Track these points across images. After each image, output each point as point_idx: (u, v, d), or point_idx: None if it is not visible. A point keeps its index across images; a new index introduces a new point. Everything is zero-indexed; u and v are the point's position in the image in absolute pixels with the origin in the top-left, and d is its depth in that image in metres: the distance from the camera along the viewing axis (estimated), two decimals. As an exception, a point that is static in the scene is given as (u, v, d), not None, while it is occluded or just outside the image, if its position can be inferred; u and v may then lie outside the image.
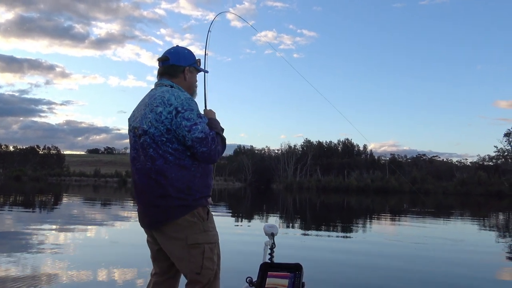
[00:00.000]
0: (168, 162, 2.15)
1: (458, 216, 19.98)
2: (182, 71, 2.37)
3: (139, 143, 2.23)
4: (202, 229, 2.20)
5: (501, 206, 30.63)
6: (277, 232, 2.83)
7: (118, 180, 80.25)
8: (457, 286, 5.49)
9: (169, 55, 2.39)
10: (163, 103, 2.17)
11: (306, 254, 7.42)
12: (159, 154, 2.16)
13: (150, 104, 2.23)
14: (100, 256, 6.76)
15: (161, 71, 2.40)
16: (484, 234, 12.32)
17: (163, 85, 2.32)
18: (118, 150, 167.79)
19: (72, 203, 20.88)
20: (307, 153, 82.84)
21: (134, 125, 2.30)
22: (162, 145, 2.15)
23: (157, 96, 2.22)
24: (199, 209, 2.21)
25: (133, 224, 12.17)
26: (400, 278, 5.85)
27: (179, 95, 2.19)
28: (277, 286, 2.46)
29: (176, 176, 2.15)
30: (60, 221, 11.72)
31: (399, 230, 13.07)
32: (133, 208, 19.10)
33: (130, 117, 2.39)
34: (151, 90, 2.37)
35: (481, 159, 74.03)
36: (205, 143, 2.12)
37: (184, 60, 2.39)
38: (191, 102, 2.20)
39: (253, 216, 16.13)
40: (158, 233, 2.26)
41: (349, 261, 6.96)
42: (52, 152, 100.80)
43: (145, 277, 5.32)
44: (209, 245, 2.22)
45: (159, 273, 2.38)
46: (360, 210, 23.41)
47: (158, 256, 2.37)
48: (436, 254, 7.88)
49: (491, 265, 7.17)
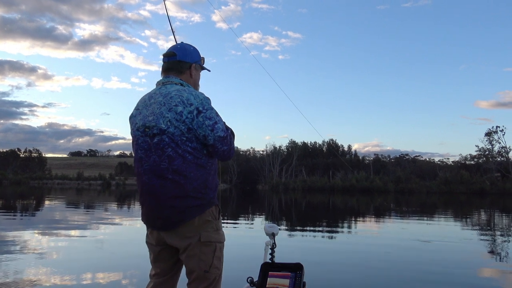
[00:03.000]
0: (186, 161, 2.13)
1: (441, 215, 20.23)
2: (189, 67, 2.34)
3: (152, 143, 2.16)
4: (215, 228, 2.21)
5: (483, 204, 31.17)
6: (277, 232, 2.84)
7: (101, 182, 79.32)
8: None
9: (176, 51, 2.33)
10: (183, 102, 2.13)
11: (298, 255, 7.37)
12: (178, 154, 2.12)
13: (167, 103, 2.16)
14: (85, 260, 6.60)
15: (166, 67, 2.34)
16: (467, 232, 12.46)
17: (173, 83, 2.26)
18: (102, 153, 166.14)
19: (55, 207, 20.48)
20: (292, 153, 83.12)
21: (147, 124, 2.19)
22: (182, 144, 2.12)
23: (174, 95, 2.17)
24: (212, 208, 2.21)
25: (119, 227, 11.97)
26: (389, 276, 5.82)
27: (197, 95, 2.18)
28: (278, 286, 2.43)
29: (195, 175, 2.14)
30: (41, 226, 11.49)
31: (391, 228, 13.12)
32: (117, 211, 18.83)
33: (136, 116, 2.29)
34: (161, 88, 2.27)
35: (463, 159, 75.46)
36: (226, 141, 2.17)
37: (191, 57, 2.36)
38: (208, 101, 2.20)
39: (238, 217, 16.02)
40: (168, 233, 2.20)
41: (341, 260, 6.92)
42: (33, 155, 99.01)
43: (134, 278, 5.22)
44: (220, 244, 2.23)
45: (160, 273, 2.33)
46: (345, 210, 23.53)
47: (160, 257, 2.31)
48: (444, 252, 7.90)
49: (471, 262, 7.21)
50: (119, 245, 8.31)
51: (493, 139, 67.56)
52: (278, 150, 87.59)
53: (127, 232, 11.03)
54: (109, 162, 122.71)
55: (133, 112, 2.32)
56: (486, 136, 68.53)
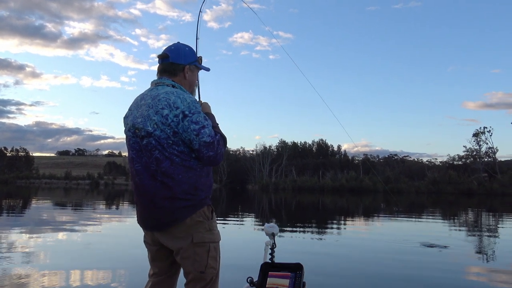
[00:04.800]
0: (174, 164, 2.11)
1: (429, 214, 20.40)
2: (182, 69, 2.30)
3: (142, 145, 2.16)
4: (208, 228, 2.19)
5: (471, 203, 31.51)
6: (277, 232, 2.82)
7: (90, 182, 78.63)
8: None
9: (169, 53, 2.30)
10: (169, 105, 2.10)
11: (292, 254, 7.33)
12: (165, 156, 2.11)
13: (155, 105, 2.14)
14: (76, 260, 6.49)
15: (160, 68, 2.32)
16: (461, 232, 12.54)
17: (164, 84, 2.25)
18: (90, 152, 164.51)
19: (42, 207, 20.20)
20: (282, 153, 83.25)
21: (136, 126, 2.19)
22: (168, 147, 2.10)
23: (162, 98, 2.14)
24: (204, 208, 2.19)
25: (107, 227, 11.84)
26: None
27: (184, 98, 2.14)
28: (278, 286, 2.41)
29: (184, 178, 2.12)
30: (29, 226, 11.30)
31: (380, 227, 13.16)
32: (105, 211, 18.64)
33: (127, 116, 2.29)
34: (152, 89, 2.26)
35: (451, 159, 76.21)
36: (211, 147, 2.11)
37: (184, 58, 2.31)
38: (196, 105, 2.15)
39: (228, 216, 15.95)
40: (161, 233, 2.20)
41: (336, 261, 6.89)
42: (20, 154, 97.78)
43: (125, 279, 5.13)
44: (213, 244, 2.20)
45: (158, 273, 2.32)
46: (335, 209, 23.60)
47: (157, 256, 2.31)
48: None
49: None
50: (116, 244, 8.19)
51: (481, 139, 68.38)
52: (268, 150, 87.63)
53: (121, 231, 10.90)
54: (97, 162, 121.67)
55: (126, 112, 2.32)
56: (473, 136, 69.37)
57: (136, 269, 5.67)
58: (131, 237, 9.30)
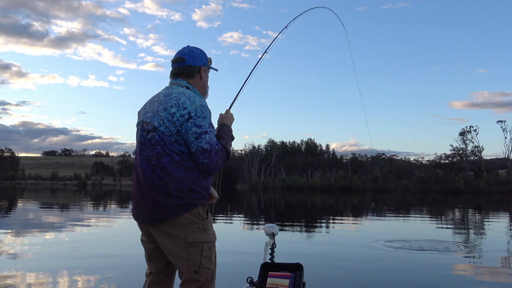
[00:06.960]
0: (173, 161, 2.16)
1: (417, 212, 20.59)
2: (198, 71, 2.41)
3: (147, 138, 2.24)
4: (202, 228, 2.19)
5: (458, 202, 31.90)
6: (277, 232, 2.84)
7: (77, 182, 77.86)
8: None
9: (185, 56, 2.39)
10: (178, 105, 2.18)
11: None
12: (165, 153, 2.17)
13: (165, 102, 2.23)
14: (76, 259, 6.38)
15: (176, 72, 2.41)
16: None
17: (179, 85, 2.34)
18: (77, 152, 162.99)
19: (28, 208, 19.91)
20: (271, 153, 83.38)
21: (145, 120, 2.29)
22: (169, 144, 2.17)
23: (173, 97, 2.23)
24: (199, 208, 2.20)
25: (96, 228, 11.70)
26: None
27: (194, 100, 2.20)
28: (278, 286, 2.40)
29: (180, 176, 2.15)
30: (15, 227, 11.12)
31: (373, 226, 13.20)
32: (93, 212, 18.43)
33: (141, 111, 2.39)
34: (167, 88, 2.36)
35: (438, 158, 77.08)
36: (208, 155, 2.14)
37: (200, 60, 2.42)
38: (205, 110, 2.21)
39: (217, 216, 15.88)
40: (155, 230, 2.21)
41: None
42: (5, 155, 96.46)
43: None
44: (208, 244, 2.20)
45: (155, 272, 2.33)
46: (324, 209, 23.68)
47: (154, 255, 2.32)
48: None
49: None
50: (112, 246, 8.08)
51: (467, 138, 69.30)
52: (257, 149, 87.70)
53: (111, 230, 10.78)
54: (84, 162, 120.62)
55: (141, 107, 2.42)
56: (460, 135, 70.26)
57: (135, 269, 5.60)
58: (123, 236, 9.18)
